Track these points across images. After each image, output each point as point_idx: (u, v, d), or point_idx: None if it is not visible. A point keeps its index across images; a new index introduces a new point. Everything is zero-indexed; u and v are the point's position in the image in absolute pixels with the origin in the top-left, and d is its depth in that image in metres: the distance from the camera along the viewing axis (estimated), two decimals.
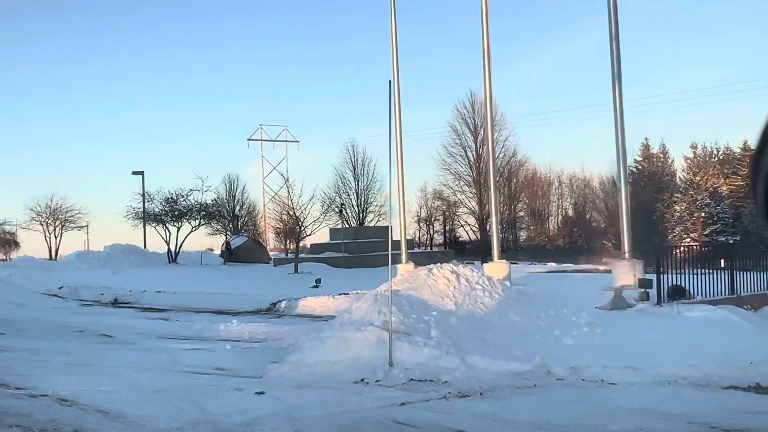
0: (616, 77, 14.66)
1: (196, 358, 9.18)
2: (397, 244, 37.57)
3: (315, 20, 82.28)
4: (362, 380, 7.06)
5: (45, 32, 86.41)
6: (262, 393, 6.66)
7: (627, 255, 14.45)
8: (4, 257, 52.84)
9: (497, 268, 16.36)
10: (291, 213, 28.11)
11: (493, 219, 18.27)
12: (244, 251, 38.97)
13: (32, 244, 76.47)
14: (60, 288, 21.54)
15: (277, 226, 71.24)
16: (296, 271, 27.34)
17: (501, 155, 43.80)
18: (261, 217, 63.49)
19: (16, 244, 54.86)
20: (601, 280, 19.38)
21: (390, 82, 7.72)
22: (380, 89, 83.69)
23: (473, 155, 43.98)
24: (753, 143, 1.61)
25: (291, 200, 27.53)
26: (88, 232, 61.56)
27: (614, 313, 11.70)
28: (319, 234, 35.86)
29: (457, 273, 10.51)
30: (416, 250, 37.68)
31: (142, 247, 38.41)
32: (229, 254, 36.24)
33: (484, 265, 18.38)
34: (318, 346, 7.83)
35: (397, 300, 8.98)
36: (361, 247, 33.75)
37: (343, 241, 33.16)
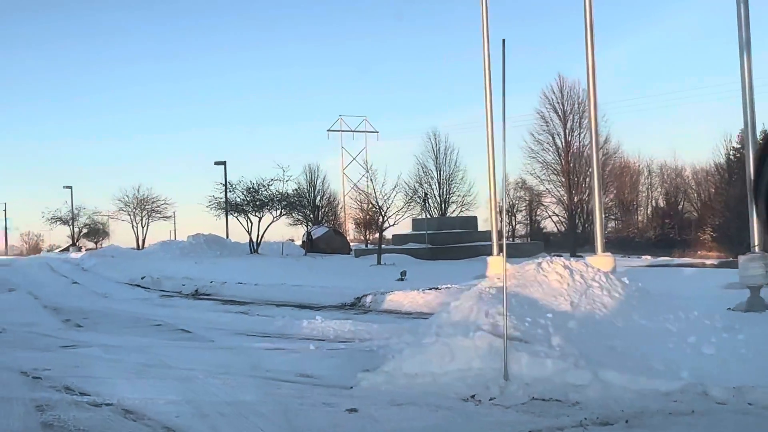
0: (744, 45, 12.85)
1: (278, 360, 8.24)
2: (481, 235, 36.15)
3: (396, 10, 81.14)
4: (473, 397, 5.89)
5: (132, 27, 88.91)
6: (355, 411, 5.60)
7: (756, 248, 12.67)
8: (94, 246, 54.36)
9: (602, 261, 14.72)
10: (373, 203, 27.09)
11: (597, 207, 16.60)
12: (324, 242, 38.41)
13: (122, 233, 78.88)
14: (142, 278, 21.32)
15: (357, 216, 71.06)
16: (379, 262, 26.37)
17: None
18: (341, 208, 63.16)
19: (106, 234, 56.45)
20: (716, 276, 17.52)
21: (503, 41, 6.44)
22: (461, 78, 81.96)
23: (562, 143, 41.87)
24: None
25: (374, 189, 26.58)
26: (175, 222, 62.82)
27: (751, 315, 10.12)
28: (400, 224, 34.91)
29: (570, 268, 9.16)
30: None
31: (225, 237, 38.41)
32: (310, 245, 35.72)
33: (587, 258, 16.83)
34: (418, 353, 6.70)
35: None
36: (445, 238, 32.53)
37: (427, 232, 31.94)
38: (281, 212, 36.19)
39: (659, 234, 47.21)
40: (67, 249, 53.06)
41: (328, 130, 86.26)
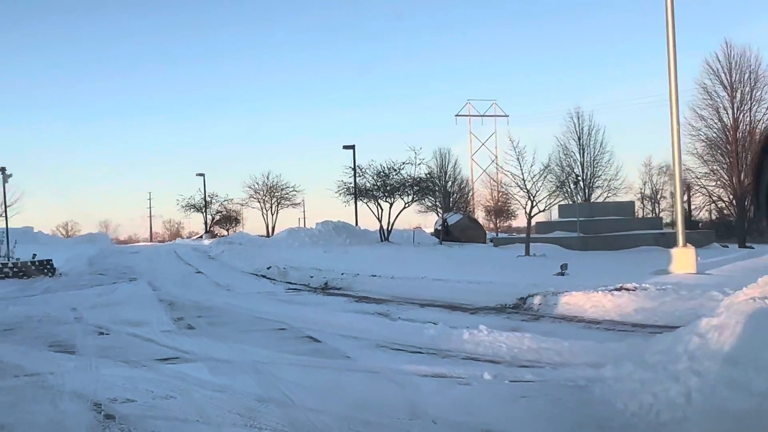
0: None
1: (444, 399, 5.65)
2: (639, 223, 32.08)
3: None
4: None
5: (272, 16, 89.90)
6: None
7: None
8: (226, 233, 54.57)
9: None
10: (521, 186, 24.01)
11: None
12: (458, 230, 35.74)
13: (253, 221, 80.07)
14: (268, 268, 19.56)
15: (488, 203, 67.87)
16: (527, 253, 23.31)
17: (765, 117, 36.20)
18: (470, 194, 60.25)
19: (237, 221, 56.68)
20: None
21: None
22: (600, 57, 76.38)
23: (729, 118, 36.64)
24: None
25: (522, 171, 23.55)
26: (304, 209, 62.36)
27: None
28: (543, 211, 31.49)
29: None
30: (662, 230, 31.64)
31: (354, 225, 36.63)
32: (446, 233, 33.11)
33: None
34: None
35: None
36: (597, 226, 28.89)
37: (578, 219, 28.39)
38: (413, 197, 33.82)
39: None
40: (201, 236, 53.64)
41: (456, 115, 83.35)
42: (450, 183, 50.72)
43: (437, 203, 47.85)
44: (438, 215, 50.83)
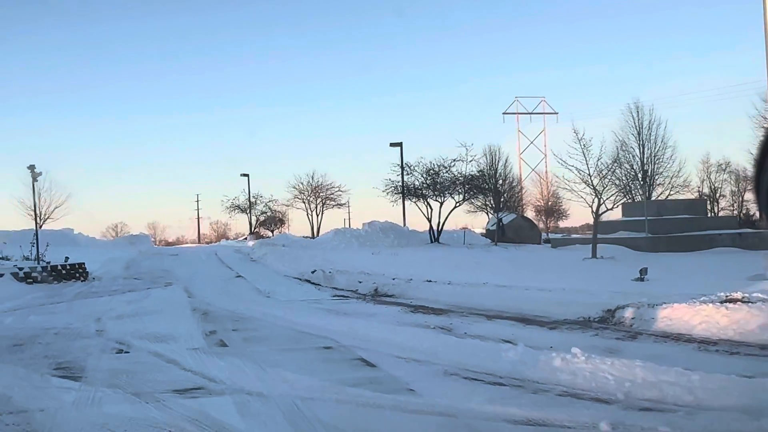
0: None
1: None
2: (712, 222, 29.72)
3: None
4: None
5: (312, 18, 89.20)
6: None
7: None
8: (271, 234, 53.60)
9: None
10: (586, 182, 22.02)
11: None
12: (512, 230, 33.91)
13: (298, 222, 79.27)
14: (313, 272, 18.12)
15: (538, 203, 65.49)
16: (594, 255, 21.38)
17: None
18: (520, 194, 58.17)
19: (282, 222, 55.65)
20: None
21: None
22: (656, 51, 73.36)
23: None
24: None
25: (587, 166, 21.58)
26: (349, 210, 61.12)
27: None
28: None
29: None
30: (738, 230, 29.12)
31: (401, 225, 35.07)
32: (502, 233, 31.28)
33: None
34: None
35: None
36: (667, 226, 26.71)
37: (646, 218, 26.20)
38: (464, 196, 32.05)
39: None
40: (246, 238, 52.75)
41: (504, 113, 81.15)
42: (501, 182, 48.62)
43: (487, 203, 45.97)
44: (487, 215, 48.92)
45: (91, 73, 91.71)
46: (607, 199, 22.34)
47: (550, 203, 67.08)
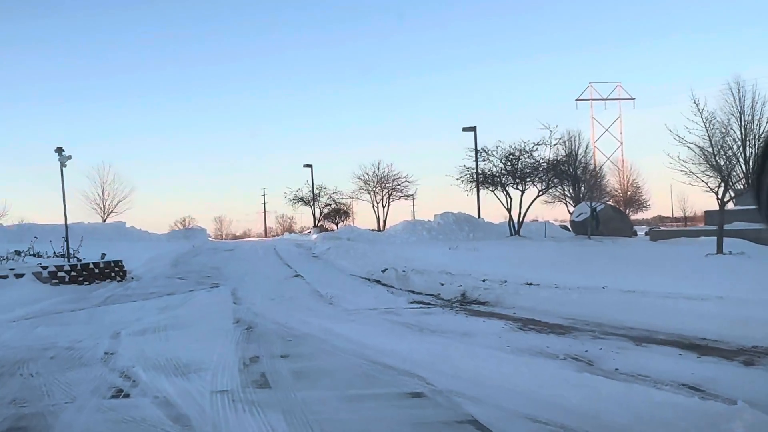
0: None
1: None
2: None
3: None
4: None
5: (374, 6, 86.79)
6: None
7: None
8: (335, 227, 51.30)
9: None
10: (711, 163, 18.49)
11: None
12: (602, 221, 30.39)
13: (362, 214, 77.20)
14: (383, 271, 15.40)
15: (616, 193, 61.04)
16: (720, 251, 17.91)
17: None
18: (601, 182, 54.13)
19: (347, 215, 53.33)
20: None
21: None
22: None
23: None
24: None
25: (711, 145, 18.04)
26: (413, 202, 58.33)
27: None
28: (710, 199, 25.58)
29: None
30: None
31: (476, 216, 32.03)
32: (597, 225, 27.89)
33: None
34: None
35: None
36: None
37: None
38: (548, 184, 28.75)
39: None
40: (310, 231, 50.67)
41: (577, 100, 76.80)
42: (581, 169, 44.88)
43: (566, 192, 42.47)
44: (566, 206, 45.24)
45: (166, 72, 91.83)
46: (736, 182, 18.79)
47: (629, 193, 62.64)
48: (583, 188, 43.50)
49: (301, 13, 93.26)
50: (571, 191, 42.22)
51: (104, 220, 40.78)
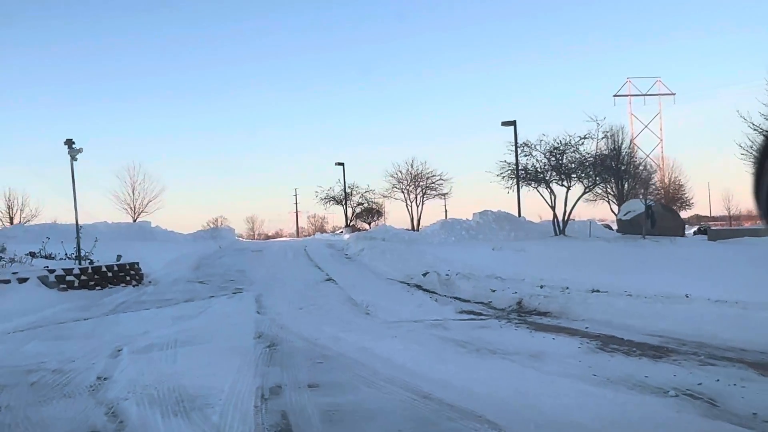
0: None
1: None
2: None
3: None
4: None
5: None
6: None
7: None
8: (368, 227, 49.89)
9: None
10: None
11: None
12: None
13: (395, 213, 75.84)
14: (424, 275, 13.91)
15: (657, 191, 58.65)
16: None
17: None
18: (646, 179, 51.86)
19: (380, 214, 51.86)
20: None
21: None
22: None
23: None
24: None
25: None
26: (445, 202, 56.63)
27: None
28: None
29: None
30: None
31: (516, 215, 30.34)
32: (653, 223, 26.04)
33: None
34: None
35: None
36: None
37: None
38: (595, 180, 26.97)
39: None
40: (342, 231, 49.33)
41: (615, 95, 74.51)
42: (624, 166, 42.83)
43: (609, 190, 40.56)
44: (609, 204, 43.21)
45: (194, 72, 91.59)
46: None
47: (671, 191, 60.17)
48: (626, 185, 41.52)
49: (341, 9, 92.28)
50: (614, 188, 40.41)
51: (134, 220, 40.01)
